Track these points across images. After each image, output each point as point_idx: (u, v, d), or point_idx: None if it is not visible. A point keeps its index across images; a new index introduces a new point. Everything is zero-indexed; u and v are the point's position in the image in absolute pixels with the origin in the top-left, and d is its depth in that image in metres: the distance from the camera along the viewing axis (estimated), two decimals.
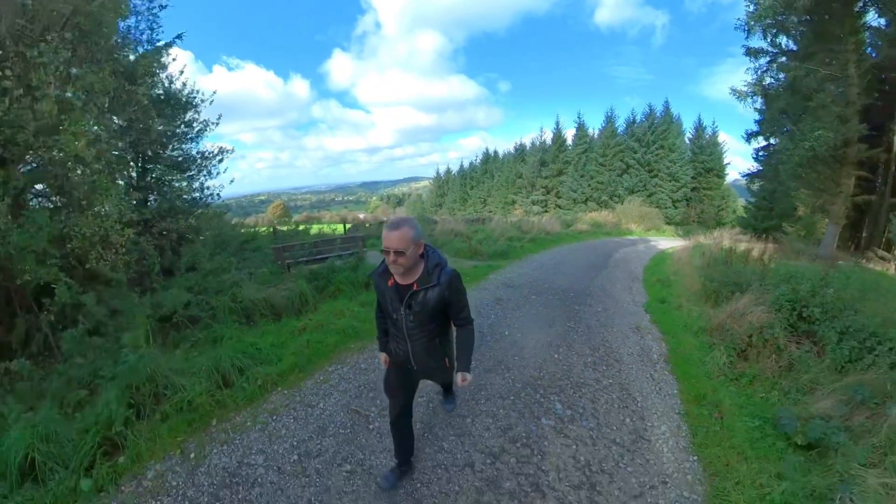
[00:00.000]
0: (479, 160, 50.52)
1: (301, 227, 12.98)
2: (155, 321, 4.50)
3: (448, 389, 3.25)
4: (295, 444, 2.79)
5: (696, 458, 2.77)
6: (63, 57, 4.31)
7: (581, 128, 38.85)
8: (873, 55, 14.35)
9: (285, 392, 3.42)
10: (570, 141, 39.50)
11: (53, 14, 4.64)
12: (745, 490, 2.51)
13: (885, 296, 4.98)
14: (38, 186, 5.04)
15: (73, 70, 4.85)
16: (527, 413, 3.18)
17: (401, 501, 2.32)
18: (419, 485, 2.46)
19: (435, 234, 12.34)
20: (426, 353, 2.22)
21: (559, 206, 37.09)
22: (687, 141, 36.86)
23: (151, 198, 7.83)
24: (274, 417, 3.08)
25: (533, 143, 42.46)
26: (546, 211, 36.41)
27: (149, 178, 7.83)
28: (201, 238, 7.99)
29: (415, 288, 2.05)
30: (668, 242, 16.94)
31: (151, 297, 5.04)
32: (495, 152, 49.15)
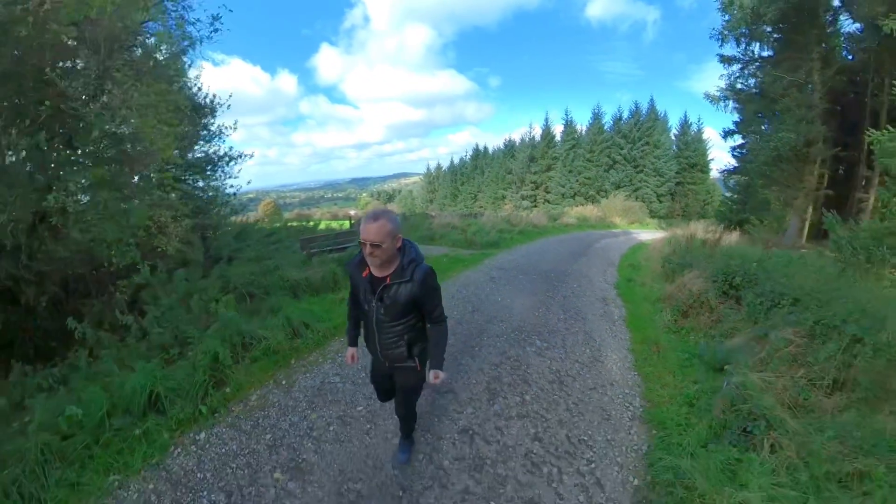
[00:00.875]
0: (469, 156, 51.74)
1: (311, 223, 14.13)
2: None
3: (407, 433, 2.86)
4: (359, 367, 3.91)
5: (636, 373, 4.00)
6: (129, 74, 5.39)
7: (569, 124, 40.19)
8: (850, 58, 15.61)
9: (342, 339, 4.56)
10: (558, 137, 40.83)
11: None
12: (668, 389, 3.73)
13: (803, 269, 6.27)
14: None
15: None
16: (516, 344, 4.40)
17: (440, 388, 3.50)
18: (451, 380, 3.65)
19: (433, 228, 13.63)
20: (394, 348, 2.30)
21: (548, 201, 38.40)
22: (673, 137, 38.41)
23: (173, 195, 8.84)
24: (339, 354, 4.18)
25: (522, 140, 43.74)
26: (535, 206, 37.65)
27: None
28: (218, 232, 9.05)
29: (387, 282, 2.12)
30: (649, 235, 18.25)
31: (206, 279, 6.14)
32: (485, 148, 50.38)
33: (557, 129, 41.14)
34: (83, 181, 4.84)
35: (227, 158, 9.15)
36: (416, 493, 2.48)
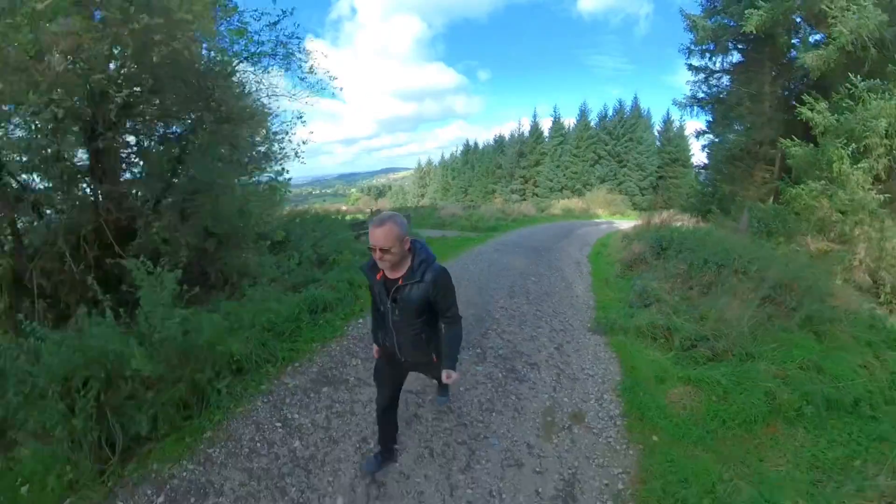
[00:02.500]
0: (459, 151, 54.62)
1: (339, 216, 17.04)
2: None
3: (441, 384, 3.34)
4: None
5: (592, 293, 7.01)
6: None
7: (557, 121, 43.22)
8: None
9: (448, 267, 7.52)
10: (546, 133, 43.87)
11: None
12: (609, 297, 6.71)
13: (714, 237, 9.31)
14: None
15: None
16: (520, 280, 7.39)
17: (486, 287, 6.44)
18: (489, 286, 6.60)
19: (442, 217, 16.79)
20: (412, 346, 2.45)
21: (536, 195, 41.23)
22: (657, 133, 41.58)
23: None
24: None
25: (512, 135, 46.59)
26: (524, 199, 40.50)
27: None
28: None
29: (400, 283, 2.26)
30: (627, 224, 21.30)
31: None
32: (475, 144, 53.26)
33: (546, 124, 44.17)
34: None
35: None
36: (487, 325, 5.35)
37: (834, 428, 3.54)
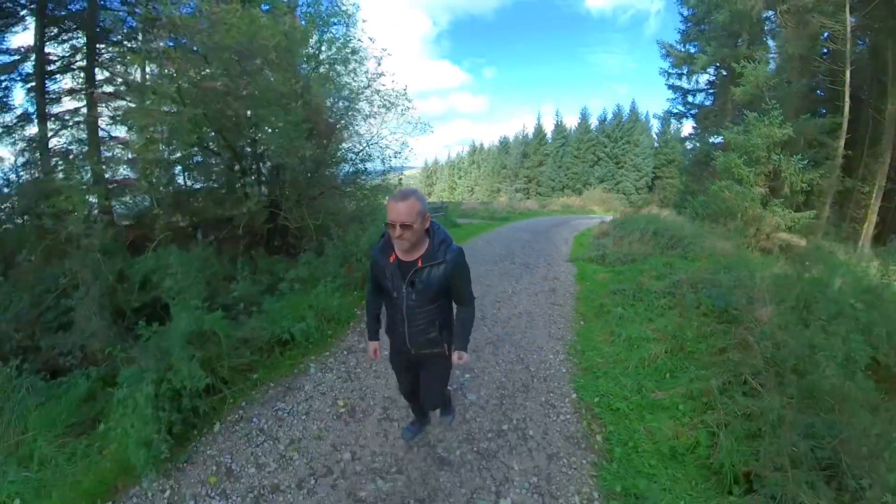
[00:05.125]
0: (465, 151, 60.36)
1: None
2: None
3: (444, 411, 3.30)
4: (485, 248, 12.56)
5: (570, 251, 12.71)
6: None
7: (559, 124, 49.07)
8: None
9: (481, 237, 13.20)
10: (550, 133, 49.65)
11: None
12: (580, 252, 12.39)
13: (661, 219, 14.99)
14: None
15: None
16: (527, 244, 12.99)
17: (508, 245, 12.14)
18: (511, 245, 12.31)
19: (465, 209, 22.56)
20: (424, 335, 2.49)
21: (539, 194, 46.80)
22: (655, 134, 47.36)
23: None
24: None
25: (516, 136, 52.51)
26: (528, 198, 46.13)
27: None
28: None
29: (419, 265, 2.29)
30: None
31: None
32: (481, 144, 59.05)
33: (549, 125, 49.87)
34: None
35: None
36: (513, 255, 11.02)
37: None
